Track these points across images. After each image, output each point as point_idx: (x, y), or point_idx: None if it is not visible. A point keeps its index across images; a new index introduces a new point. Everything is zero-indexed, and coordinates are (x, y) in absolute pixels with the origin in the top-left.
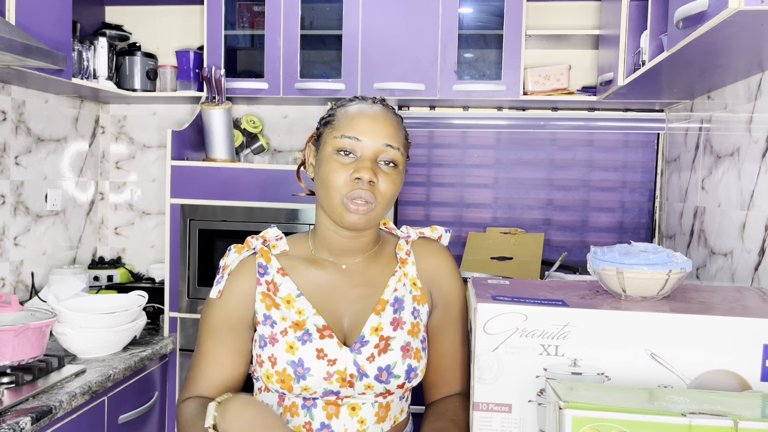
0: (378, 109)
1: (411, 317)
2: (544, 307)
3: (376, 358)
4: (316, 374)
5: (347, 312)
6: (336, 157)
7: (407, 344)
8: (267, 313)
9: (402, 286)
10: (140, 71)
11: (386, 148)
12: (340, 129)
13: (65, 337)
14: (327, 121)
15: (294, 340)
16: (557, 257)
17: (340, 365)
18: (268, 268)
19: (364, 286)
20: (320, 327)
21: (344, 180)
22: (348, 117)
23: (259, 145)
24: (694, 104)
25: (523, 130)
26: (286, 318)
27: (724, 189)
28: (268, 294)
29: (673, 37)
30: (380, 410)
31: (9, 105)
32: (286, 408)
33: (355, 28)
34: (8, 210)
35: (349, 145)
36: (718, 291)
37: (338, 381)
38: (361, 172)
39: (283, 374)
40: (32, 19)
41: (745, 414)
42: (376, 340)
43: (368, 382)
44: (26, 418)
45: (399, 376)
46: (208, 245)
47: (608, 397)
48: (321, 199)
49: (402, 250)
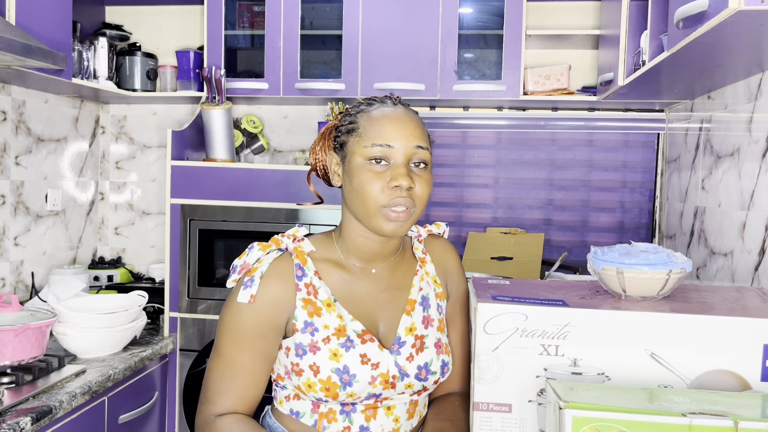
0: (401, 110)
1: (437, 314)
2: (544, 307)
3: (415, 358)
4: (361, 380)
5: (380, 315)
6: (369, 167)
7: (438, 340)
8: (309, 320)
9: (426, 285)
10: (140, 71)
11: (417, 150)
12: (369, 137)
13: (65, 337)
14: (350, 129)
15: (337, 347)
16: (557, 257)
17: (383, 368)
18: (305, 270)
19: (393, 289)
20: (360, 332)
21: (380, 189)
22: (374, 123)
23: (259, 145)
24: (694, 104)
25: (523, 130)
26: (328, 325)
27: (724, 189)
28: (309, 299)
29: (673, 37)
30: (411, 407)
31: (9, 105)
32: (322, 415)
33: (355, 28)
34: (8, 210)
35: (381, 153)
36: (718, 291)
37: (381, 384)
38: (399, 180)
39: (328, 382)
40: (32, 19)
41: (745, 414)
42: (412, 340)
43: (409, 381)
44: (26, 418)
45: (435, 372)
46: (208, 245)
47: (608, 397)
48: (356, 209)
49: (418, 249)
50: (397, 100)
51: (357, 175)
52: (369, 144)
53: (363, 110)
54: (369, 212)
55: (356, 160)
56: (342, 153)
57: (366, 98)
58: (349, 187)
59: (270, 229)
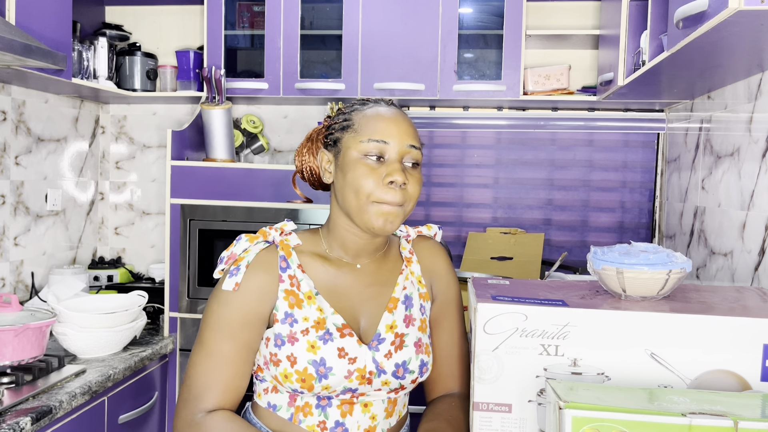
0: (395, 110)
1: (419, 314)
2: (544, 307)
3: (393, 355)
4: (337, 373)
5: (362, 311)
6: (364, 161)
7: (419, 340)
8: (289, 311)
9: (410, 284)
10: (140, 71)
11: (410, 149)
12: (365, 133)
13: (65, 337)
14: (344, 126)
15: (315, 339)
16: (557, 257)
17: (360, 363)
18: (289, 262)
19: (376, 286)
20: (339, 326)
21: (375, 183)
22: (370, 120)
23: (259, 145)
24: (694, 104)
25: (523, 130)
26: (308, 317)
27: (724, 189)
28: (291, 290)
29: (673, 37)
30: (389, 406)
31: (9, 105)
32: (298, 408)
33: (355, 28)
34: (8, 210)
35: (377, 149)
36: (718, 291)
37: (358, 379)
38: (394, 175)
39: (304, 373)
40: (32, 19)
41: (745, 414)
42: (392, 338)
43: (385, 378)
44: (26, 418)
45: (413, 371)
46: (208, 245)
47: (608, 397)
48: (348, 203)
49: (405, 249)
50: (389, 102)
51: (352, 170)
52: (365, 139)
53: (357, 109)
54: (361, 205)
55: (351, 154)
56: (335, 149)
57: (359, 99)
58: (342, 182)
59: None
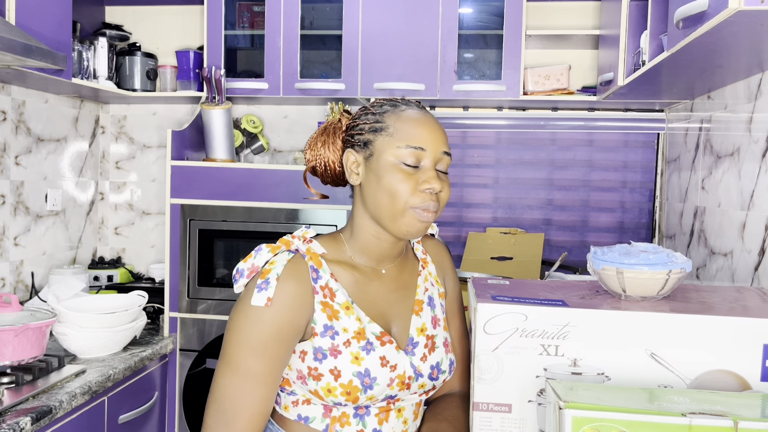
0: (429, 116)
1: (441, 313)
2: (544, 307)
3: (428, 357)
4: (381, 382)
5: (392, 316)
6: (402, 168)
7: (446, 340)
8: (328, 323)
9: (430, 285)
10: (140, 71)
11: (444, 156)
12: (402, 138)
13: (65, 337)
14: (377, 128)
15: (358, 350)
16: (557, 257)
17: (399, 370)
18: (320, 272)
19: (401, 290)
20: (378, 334)
21: (411, 190)
22: (406, 124)
23: (259, 145)
24: (694, 104)
25: (523, 130)
26: (347, 328)
27: (724, 189)
28: (327, 302)
29: (673, 37)
30: (416, 408)
31: (9, 105)
32: (335, 419)
33: (355, 28)
34: (8, 210)
35: (415, 156)
36: (718, 291)
37: (398, 385)
38: (432, 183)
39: (349, 386)
40: (32, 19)
41: (745, 414)
42: (425, 340)
43: (422, 381)
44: (26, 418)
45: (445, 371)
46: (208, 245)
47: (608, 397)
48: (380, 207)
49: (418, 250)
50: (419, 105)
51: (387, 175)
52: (403, 145)
53: (389, 110)
54: (396, 212)
55: (387, 159)
56: (366, 151)
57: (385, 99)
58: (374, 186)
59: (270, 229)
